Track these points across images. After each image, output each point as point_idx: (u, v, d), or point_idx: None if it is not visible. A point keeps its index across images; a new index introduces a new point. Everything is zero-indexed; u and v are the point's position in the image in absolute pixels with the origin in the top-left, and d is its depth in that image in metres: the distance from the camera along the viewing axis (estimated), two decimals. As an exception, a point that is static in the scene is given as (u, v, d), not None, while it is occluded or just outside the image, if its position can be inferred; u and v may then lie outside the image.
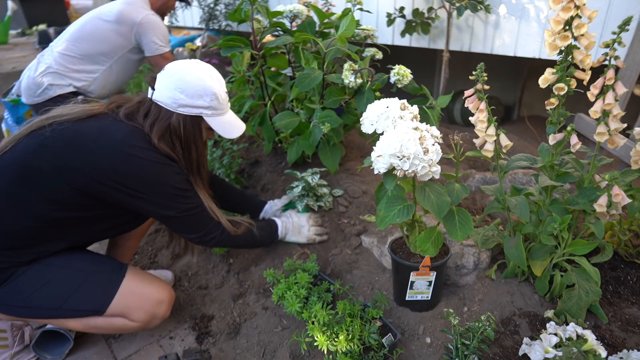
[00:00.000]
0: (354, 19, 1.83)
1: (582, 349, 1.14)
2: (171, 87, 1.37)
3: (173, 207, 1.41)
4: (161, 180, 1.37)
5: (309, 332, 1.32)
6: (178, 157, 1.42)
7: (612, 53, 1.23)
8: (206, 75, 1.40)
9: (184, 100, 1.37)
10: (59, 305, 1.36)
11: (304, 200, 1.94)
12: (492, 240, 1.59)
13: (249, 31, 2.10)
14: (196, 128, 1.43)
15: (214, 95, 1.40)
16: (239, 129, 1.52)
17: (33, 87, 2.46)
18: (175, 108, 1.38)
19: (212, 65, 1.48)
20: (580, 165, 1.39)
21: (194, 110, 1.39)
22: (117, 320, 1.44)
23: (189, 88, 1.36)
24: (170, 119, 1.38)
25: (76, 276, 1.39)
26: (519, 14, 2.60)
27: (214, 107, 1.42)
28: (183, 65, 1.40)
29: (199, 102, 1.38)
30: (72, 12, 6.52)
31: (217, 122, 1.45)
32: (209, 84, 1.39)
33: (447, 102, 1.98)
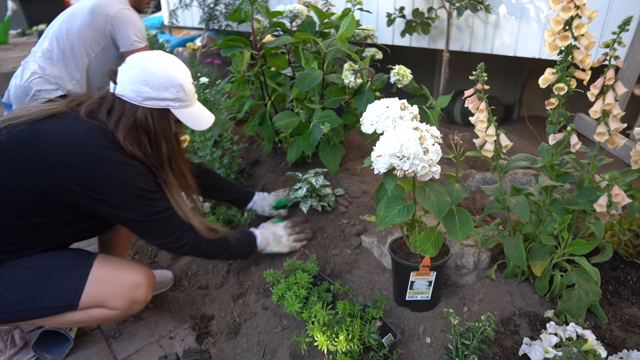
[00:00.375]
0: (354, 19, 1.83)
1: (582, 349, 1.14)
2: (135, 80, 1.31)
3: (138, 210, 1.35)
4: (124, 181, 1.31)
5: (309, 332, 1.32)
6: (146, 154, 1.37)
7: (612, 53, 1.23)
8: (171, 66, 1.34)
9: (149, 92, 1.31)
10: (27, 307, 1.31)
11: (308, 201, 1.94)
12: (492, 240, 1.59)
13: (249, 31, 2.10)
14: (164, 121, 1.37)
15: (180, 87, 1.35)
16: (208, 121, 1.47)
17: (21, 94, 2.42)
18: (141, 102, 1.32)
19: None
20: (580, 165, 1.39)
21: (160, 103, 1.34)
22: (95, 311, 1.39)
23: (154, 80, 1.31)
24: (135, 113, 1.32)
25: (39, 275, 1.33)
26: (519, 14, 2.60)
27: (181, 99, 1.37)
28: (146, 57, 1.34)
29: (165, 94, 1.33)
30: (72, 12, 6.51)
31: (185, 114, 1.40)
32: (174, 75, 1.34)
33: (447, 102, 1.98)
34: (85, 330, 1.67)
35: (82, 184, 1.27)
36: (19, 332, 1.55)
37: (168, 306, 1.77)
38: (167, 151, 1.41)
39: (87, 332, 1.67)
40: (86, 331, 1.67)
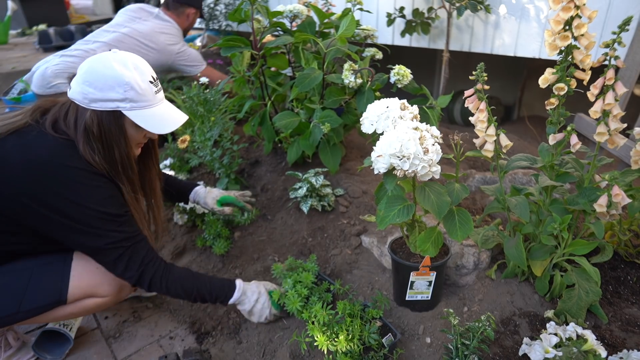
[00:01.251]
0: (354, 19, 1.83)
1: (582, 349, 1.14)
2: (80, 81, 1.22)
3: (103, 235, 1.25)
4: (91, 204, 1.22)
5: (309, 332, 1.32)
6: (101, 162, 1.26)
7: (612, 53, 1.23)
8: (118, 63, 1.22)
9: (93, 94, 1.21)
10: (15, 310, 1.28)
11: (308, 201, 1.95)
12: (492, 240, 1.59)
13: (249, 31, 2.10)
14: (114, 125, 1.25)
15: (128, 85, 1.22)
16: (173, 122, 1.33)
17: (48, 78, 2.50)
18: (88, 104, 1.22)
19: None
20: (580, 165, 1.39)
21: (108, 105, 1.23)
22: (86, 302, 1.37)
23: (97, 80, 1.21)
24: (85, 117, 1.23)
25: (20, 276, 1.30)
26: (519, 14, 2.60)
27: (132, 99, 1.24)
28: (95, 57, 1.25)
29: (111, 94, 1.22)
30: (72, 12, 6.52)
31: (141, 116, 1.26)
32: (121, 73, 1.21)
33: (447, 102, 1.98)
34: (85, 330, 1.68)
35: (49, 206, 1.20)
36: (12, 334, 1.54)
37: (168, 306, 1.77)
38: (119, 158, 1.30)
39: (87, 332, 1.67)
40: (86, 331, 1.67)
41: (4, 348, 1.51)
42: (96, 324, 1.71)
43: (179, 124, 1.34)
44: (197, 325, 1.67)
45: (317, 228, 1.94)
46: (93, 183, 1.24)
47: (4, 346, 1.51)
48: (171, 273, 1.38)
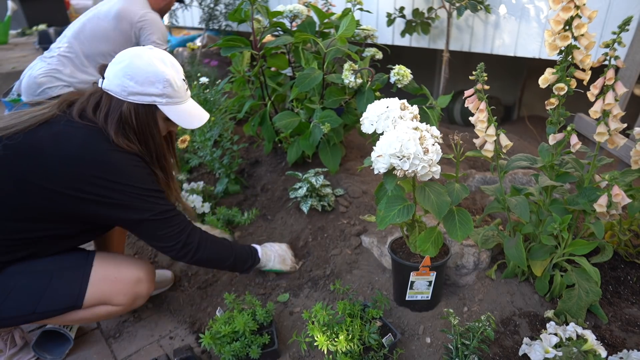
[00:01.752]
0: (354, 19, 1.83)
1: (582, 349, 1.14)
2: (120, 74, 1.27)
3: (147, 209, 1.32)
4: (131, 180, 1.28)
5: (309, 332, 1.32)
6: (139, 149, 1.34)
7: (612, 53, 1.23)
8: (158, 60, 1.30)
9: (133, 87, 1.27)
10: (31, 310, 1.30)
11: (308, 201, 1.95)
12: (492, 240, 1.59)
13: (249, 31, 2.10)
14: (150, 118, 1.33)
15: (167, 82, 1.29)
16: (200, 119, 1.41)
17: (34, 86, 2.48)
18: (125, 96, 1.28)
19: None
20: (580, 165, 1.39)
21: (145, 99, 1.29)
22: (99, 308, 1.40)
23: (139, 74, 1.27)
24: (121, 108, 1.28)
25: (40, 278, 1.32)
26: (519, 14, 2.60)
27: (168, 95, 1.31)
28: (134, 51, 1.30)
29: (151, 89, 1.28)
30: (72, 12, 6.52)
31: (174, 111, 1.34)
32: (161, 70, 1.29)
33: (447, 102, 1.98)
34: (85, 330, 1.68)
35: (88, 190, 1.25)
36: (19, 332, 1.55)
37: (168, 306, 1.77)
38: (154, 148, 1.38)
39: (87, 332, 1.67)
40: (86, 331, 1.67)
41: (10, 345, 1.52)
42: (96, 324, 1.71)
43: (204, 120, 1.42)
44: (197, 325, 1.67)
45: (317, 228, 1.94)
46: (130, 162, 1.30)
47: (10, 343, 1.52)
48: (209, 237, 1.48)
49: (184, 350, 1.49)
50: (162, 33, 2.67)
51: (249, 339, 1.41)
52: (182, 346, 1.54)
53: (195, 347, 1.57)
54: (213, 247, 1.49)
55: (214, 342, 1.38)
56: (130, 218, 1.32)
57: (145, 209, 1.32)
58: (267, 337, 1.42)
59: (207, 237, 1.47)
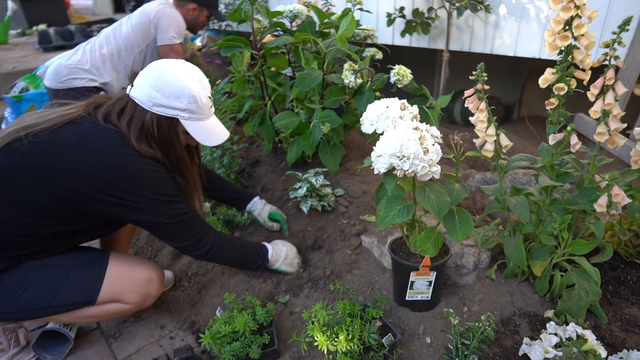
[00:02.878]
0: (354, 19, 1.83)
1: (582, 349, 1.14)
2: (148, 85, 1.31)
3: (163, 213, 1.35)
4: (149, 185, 1.32)
5: (309, 332, 1.32)
6: (159, 156, 1.37)
7: (612, 53, 1.23)
8: (187, 76, 1.33)
9: (159, 99, 1.31)
10: (47, 304, 1.34)
11: (308, 201, 1.95)
12: (492, 240, 1.59)
13: (249, 31, 2.10)
14: (171, 130, 1.37)
15: (192, 98, 1.33)
16: (219, 137, 1.44)
17: (61, 73, 2.59)
18: (150, 107, 1.32)
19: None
20: (580, 165, 1.39)
21: (169, 112, 1.33)
22: (110, 306, 1.43)
23: (166, 87, 1.30)
24: (144, 117, 1.32)
25: (58, 273, 1.36)
26: (519, 14, 2.60)
27: (192, 111, 1.35)
28: (165, 64, 1.34)
29: (176, 103, 1.32)
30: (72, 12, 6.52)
31: (195, 127, 1.38)
32: (189, 86, 1.32)
33: (447, 102, 1.98)
34: (85, 330, 1.68)
35: (107, 191, 1.27)
36: (23, 331, 1.56)
37: (168, 306, 1.77)
38: (175, 158, 1.42)
39: (87, 332, 1.67)
40: (86, 331, 1.67)
41: (13, 344, 1.53)
42: (96, 324, 1.71)
43: (224, 138, 1.46)
44: (197, 325, 1.67)
45: (317, 228, 1.94)
46: (149, 167, 1.32)
47: (13, 342, 1.53)
48: (223, 237, 1.54)
49: (184, 350, 1.49)
50: (178, 27, 2.76)
51: (249, 339, 1.41)
52: (182, 346, 1.54)
53: (195, 347, 1.57)
54: (225, 249, 1.54)
55: (214, 342, 1.39)
56: (146, 220, 1.36)
57: (160, 213, 1.35)
58: (267, 337, 1.42)
59: (220, 240, 1.52)
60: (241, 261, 1.64)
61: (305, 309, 1.55)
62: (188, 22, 2.92)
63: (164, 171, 1.38)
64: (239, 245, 1.63)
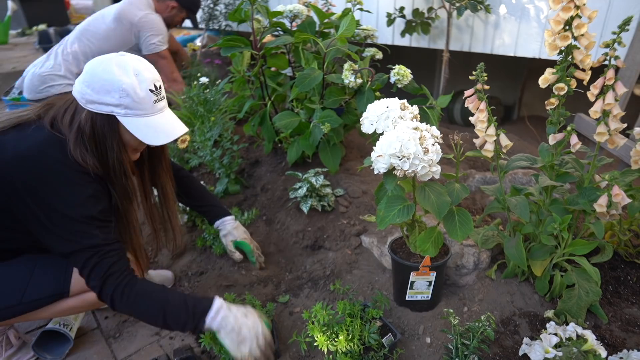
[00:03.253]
0: (354, 19, 1.83)
1: (582, 349, 1.14)
2: (81, 81, 1.22)
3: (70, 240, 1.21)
4: (70, 198, 1.19)
5: (309, 332, 1.32)
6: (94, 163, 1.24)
7: (612, 53, 1.23)
8: (118, 68, 1.20)
9: (90, 95, 1.20)
10: (17, 301, 1.28)
11: (308, 201, 1.95)
12: (492, 240, 1.59)
13: (249, 31, 2.10)
14: (107, 129, 1.23)
15: (124, 92, 1.19)
16: (167, 135, 1.28)
17: (36, 83, 2.52)
18: (85, 104, 1.22)
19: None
20: (580, 165, 1.39)
21: (103, 108, 1.21)
22: (88, 295, 1.34)
23: (95, 81, 1.19)
24: (81, 116, 1.23)
25: (23, 267, 1.31)
26: (519, 14, 2.60)
27: (127, 106, 1.21)
28: (99, 58, 1.24)
29: (107, 98, 1.19)
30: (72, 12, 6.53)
31: (134, 124, 1.23)
32: (119, 78, 1.19)
33: (447, 102, 1.98)
34: (85, 330, 1.68)
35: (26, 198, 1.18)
36: (13, 332, 1.54)
37: (168, 306, 1.77)
38: (112, 162, 1.27)
39: (87, 332, 1.67)
40: (86, 331, 1.67)
41: (5, 347, 1.51)
42: (96, 324, 1.71)
43: (174, 136, 1.29)
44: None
45: (317, 228, 1.94)
46: (74, 180, 1.21)
47: (5, 345, 1.51)
48: (136, 286, 1.25)
49: (184, 350, 1.49)
50: (162, 34, 2.69)
51: None
52: (182, 346, 1.54)
53: (195, 347, 1.57)
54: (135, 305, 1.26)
55: (214, 341, 1.38)
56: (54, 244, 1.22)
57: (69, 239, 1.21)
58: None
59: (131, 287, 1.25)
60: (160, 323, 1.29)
61: (305, 309, 1.55)
62: (164, 19, 2.81)
63: (93, 189, 1.24)
64: (158, 307, 1.26)
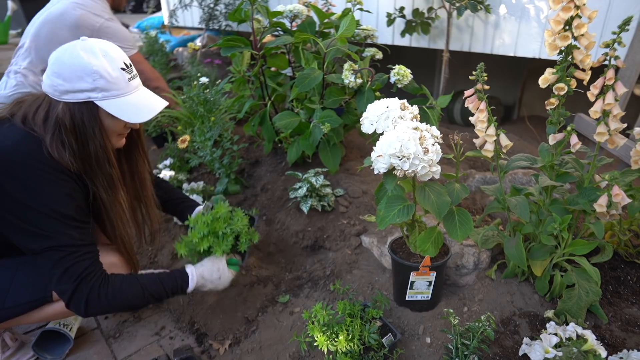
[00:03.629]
0: (354, 19, 1.83)
1: (582, 349, 1.14)
2: (49, 73, 1.18)
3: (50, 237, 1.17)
4: (44, 197, 1.16)
5: (309, 332, 1.32)
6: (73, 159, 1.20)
7: (612, 53, 1.23)
8: (85, 52, 1.17)
9: (62, 85, 1.16)
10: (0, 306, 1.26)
11: (308, 201, 1.95)
12: (492, 240, 1.59)
13: (249, 31, 2.10)
14: (89, 117, 1.20)
15: (97, 74, 1.16)
16: (150, 110, 1.27)
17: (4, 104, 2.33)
18: (59, 96, 1.18)
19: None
20: (580, 165, 1.39)
21: (79, 96, 1.17)
22: None
23: (65, 70, 1.16)
24: (57, 109, 1.19)
25: (3, 273, 1.28)
26: (519, 14, 2.60)
27: (103, 88, 1.18)
28: (63, 47, 1.19)
29: (81, 84, 1.16)
30: (72, 12, 6.50)
31: (114, 105, 1.20)
32: (88, 61, 1.15)
33: (447, 102, 1.98)
34: (85, 330, 1.68)
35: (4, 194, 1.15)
36: (9, 334, 1.53)
37: (168, 306, 1.77)
38: (94, 151, 1.23)
39: (87, 332, 1.67)
40: (86, 331, 1.67)
41: (2, 349, 1.50)
42: (96, 324, 1.71)
43: (156, 111, 1.28)
44: (197, 326, 1.67)
45: (317, 228, 1.94)
46: (49, 177, 1.18)
47: (2, 347, 1.51)
48: (111, 283, 1.26)
49: (184, 350, 1.49)
50: (125, 38, 2.44)
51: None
52: (182, 346, 1.54)
53: (195, 347, 1.57)
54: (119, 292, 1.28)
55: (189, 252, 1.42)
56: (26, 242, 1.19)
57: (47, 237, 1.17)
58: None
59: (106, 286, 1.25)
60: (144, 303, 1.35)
61: (305, 309, 1.55)
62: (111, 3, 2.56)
63: (70, 187, 1.21)
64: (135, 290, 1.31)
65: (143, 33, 4.06)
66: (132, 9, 6.73)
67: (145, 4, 6.42)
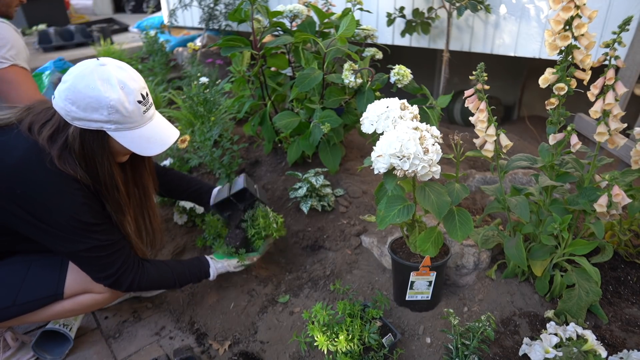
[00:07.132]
0: (354, 18, 1.83)
1: (582, 349, 1.14)
2: (63, 97, 1.16)
3: (78, 242, 1.22)
4: (62, 208, 1.18)
5: (309, 332, 1.32)
6: (83, 176, 1.22)
7: (612, 53, 1.23)
8: (103, 82, 1.15)
9: (76, 112, 1.15)
10: (10, 302, 1.27)
11: (308, 201, 1.94)
12: (492, 240, 1.59)
13: (249, 31, 2.10)
14: (98, 144, 1.21)
15: (113, 108, 1.15)
16: (162, 144, 1.27)
17: None
18: (71, 120, 1.17)
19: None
20: (580, 165, 1.39)
21: (92, 125, 1.17)
22: (83, 298, 1.37)
23: (80, 99, 1.14)
24: (67, 131, 1.18)
25: (16, 269, 1.30)
26: (519, 14, 2.60)
27: (117, 121, 1.18)
28: (78, 70, 1.17)
29: (95, 115, 1.16)
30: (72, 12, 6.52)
31: (126, 138, 1.21)
32: (105, 95, 1.14)
33: (447, 102, 1.98)
34: (85, 330, 1.67)
35: (20, 205, 1.17)
36: (10, 334, 1.54)
37: (168, 306, 1.77)
38: (102, 177, 1.26)
39: (87, 332, 1.67)
40: (86, 331, 1.67)
41: (3, 349, 1.50)
42: (96, 324, 1.71)
43: (167, 145, 1.28)
44: (197, 325, 1.67)
45: (317, 228, 1.94)
46: (65, 188, 1.20)
47: (3, 347, 1.50)
48: (146, 273, 1.40)
49: (184, 350, 1.49)
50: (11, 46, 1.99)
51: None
52: (182, 346, 1.54)
53: (195, 347, 1.57)
54: (150, 281, 1.41)
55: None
56: (60, 248, 1.24)
57: (76, 241, 1.22)
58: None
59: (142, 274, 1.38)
60: (173, 285, 1.51)
61: (305, 309, 1.55)
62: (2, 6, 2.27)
63: (85, 195, 1.23)
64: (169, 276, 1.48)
65: (143, 33, 4.05)
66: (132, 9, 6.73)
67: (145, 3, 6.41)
